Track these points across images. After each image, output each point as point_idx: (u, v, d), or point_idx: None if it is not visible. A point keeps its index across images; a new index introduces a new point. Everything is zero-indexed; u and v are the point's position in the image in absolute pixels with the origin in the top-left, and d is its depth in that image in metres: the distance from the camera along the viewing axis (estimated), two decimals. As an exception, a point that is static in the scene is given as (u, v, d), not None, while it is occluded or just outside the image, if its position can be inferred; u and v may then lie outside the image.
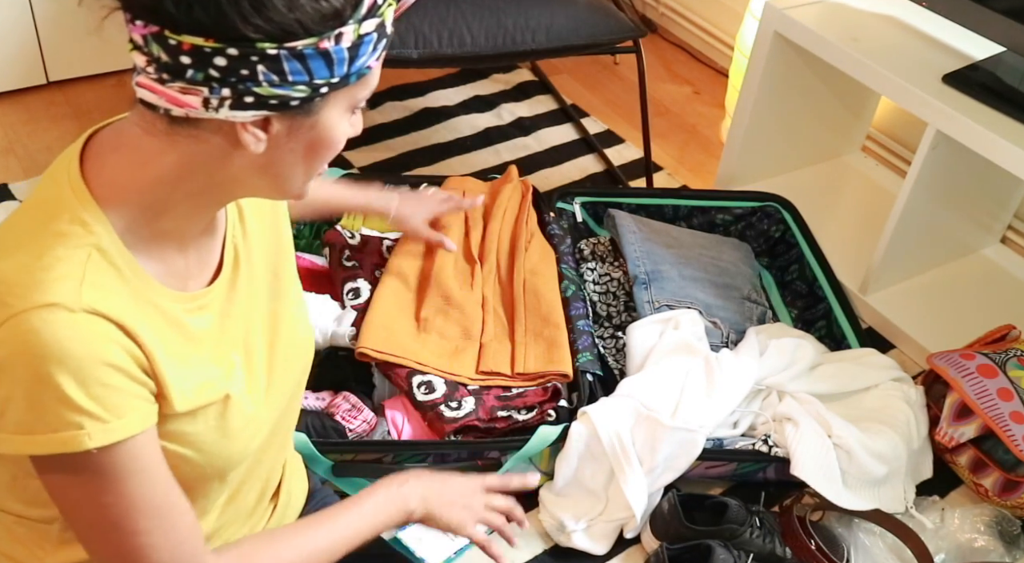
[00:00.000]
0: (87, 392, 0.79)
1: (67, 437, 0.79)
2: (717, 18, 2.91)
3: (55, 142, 2.37)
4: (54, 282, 0.79)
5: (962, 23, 1.87)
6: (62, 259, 0.80)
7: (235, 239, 0.98)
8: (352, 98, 0.84)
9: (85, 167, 0.86)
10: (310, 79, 0.78)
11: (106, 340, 0.80)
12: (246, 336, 0.99)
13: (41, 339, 0.77)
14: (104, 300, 0.81)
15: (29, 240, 0.82)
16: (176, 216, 0.87)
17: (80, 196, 0.83)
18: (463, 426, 1.62)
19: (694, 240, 2.05)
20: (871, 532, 1.63)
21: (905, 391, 1.76)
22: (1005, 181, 2.11)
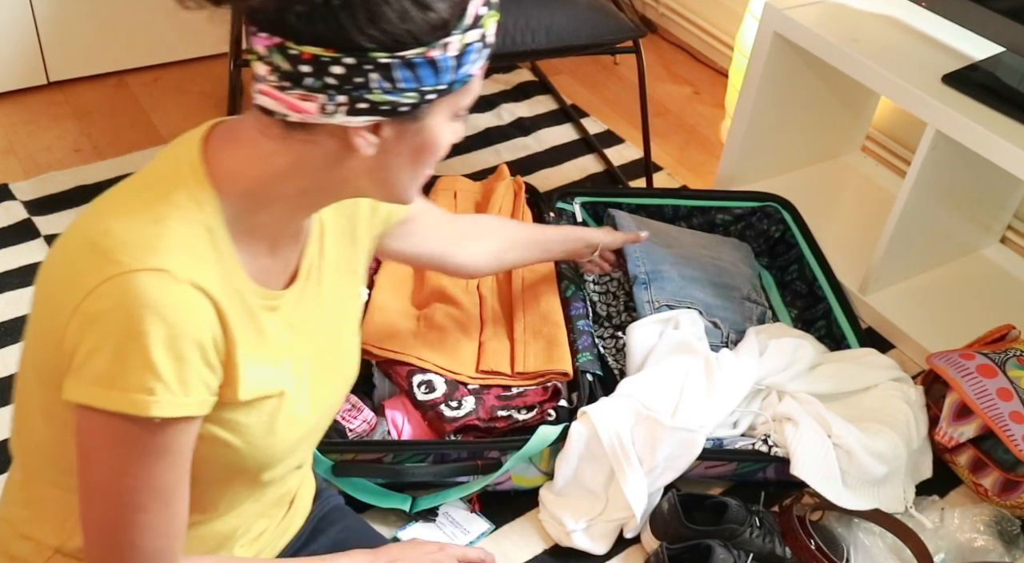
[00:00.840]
0: (171, 363, 0.82)
1: (137, 399, 0.82)
2: (717, 18, 2.91)
3: (55, 142, 2.37)
4: (167, 250, 0.83)
5: (962, 23, 1.87)
6: (175, 231, 0.85)
7: (312, 254, 1.03)
8: (455, 105, 0.89)
9: (205, 153, 0.90)
10: (419, 86, 0.83)
11: (201, 317, 0.85)
12: (305, 344, 1.02)
13: (145, 299, 0.81)
14: (206, 278, 0.85)
15: (144, 206, 0.87)
16: (275, 213, 0.92)
17: (198, 177, 0.88)
18: (463, 426, 1.62)
19: (694, 240, 2.05)
20: (871, 532, 1.63)
21: (905, 391, 1.76)
22: (1005, 181, 2.11)
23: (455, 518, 1.61)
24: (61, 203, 2.18)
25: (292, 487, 1.18)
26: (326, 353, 1.06)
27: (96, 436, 0.85)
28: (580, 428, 1.59)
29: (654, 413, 1.60)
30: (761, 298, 2.00)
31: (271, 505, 1.13)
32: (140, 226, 0.84)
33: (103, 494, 0.88)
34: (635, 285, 1.88)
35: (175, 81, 2.61)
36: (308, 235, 1.02)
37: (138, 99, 2.52)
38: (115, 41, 2.54)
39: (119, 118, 2.45)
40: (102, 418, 0.83)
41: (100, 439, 0.85)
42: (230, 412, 0.92)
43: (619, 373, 1.80)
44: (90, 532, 0.90)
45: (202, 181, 0.88)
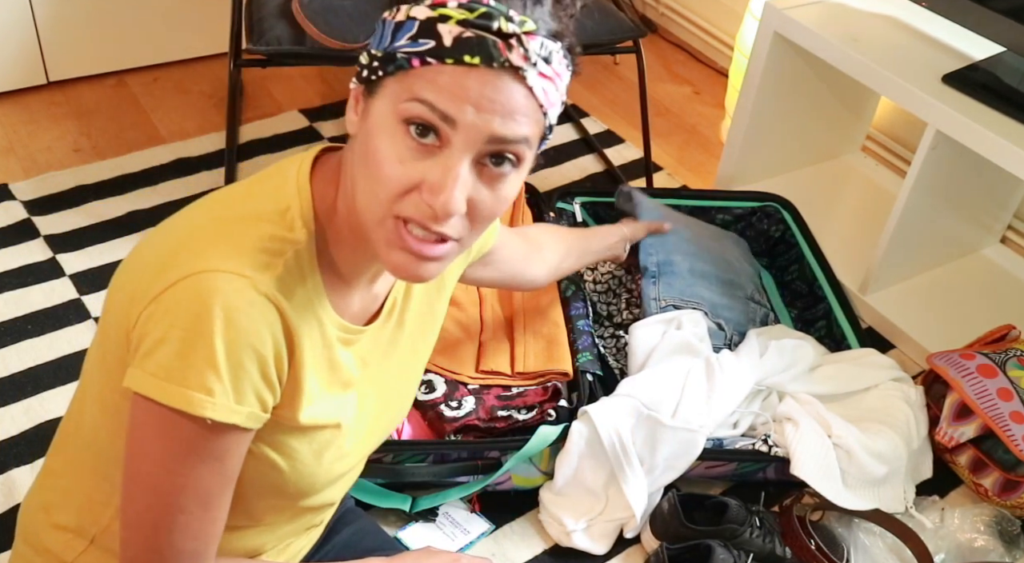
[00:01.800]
0: (232, 368, 0.81)
1: (194, 398, 0.81)
2: (717, 18, 2.91)
3: (55, 142, 2.37)
4: (253, 260, 0.83)
5: (962, 23, 1.87)
6: (266, 245, 0.85)
7: (396, 296, 1.02)
8: (395, 98, 0.80)
9: (314, 174, 0.90)
10: (370, 48, 0.83)
11: (268, 330, 0.83)
12: (372, 382, 1.02)
13: (219, 298, 0.80)
14: (285, 295, 0.85)
15: (244, 214, 0.87)
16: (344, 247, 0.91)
17: (303, 197, 0.88)
18: (463, 426, 1.62)
19: (701, 229, 2.04)
20: (871, 532, 1.63)
21: (905, 391, 1.76)
22: (1005, 181, 2.11)
23: (455, 518, 1.61)
24: (61, 203, 2.18)
25: (326, 516, 1.18)
26: (388, 393, 1.07)
27: (148, 428, 0.85)
28: (580, 427, 1.59)
29: (655, 413, 1.60)
30: (763, 299, 2.00)
31: (304, 527, 1.12)
32: (234, 231, 0.85)
33: (146, 488, 0.87)
34: (644, 278, 1.86)
35: (175, 81, 2.61)
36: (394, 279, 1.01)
37: (138, 99, 2.52)
38: (115, 41, 2.54)
39: (119, 118, 2.45)
40: (157, 411, 0.83)
41: (152, 432, 0.85)
42: (284, 434, 0.92)
43: (619, 373, 1.80)
44: (128, 525, 0.89)
45: (305, 203, 0.88)
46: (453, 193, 0.79)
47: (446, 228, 0.81)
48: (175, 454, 0.85)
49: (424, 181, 0.80)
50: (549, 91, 0.82)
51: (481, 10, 0.77)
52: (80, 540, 1.00)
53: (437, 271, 0.85)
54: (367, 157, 0.81)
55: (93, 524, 1.00)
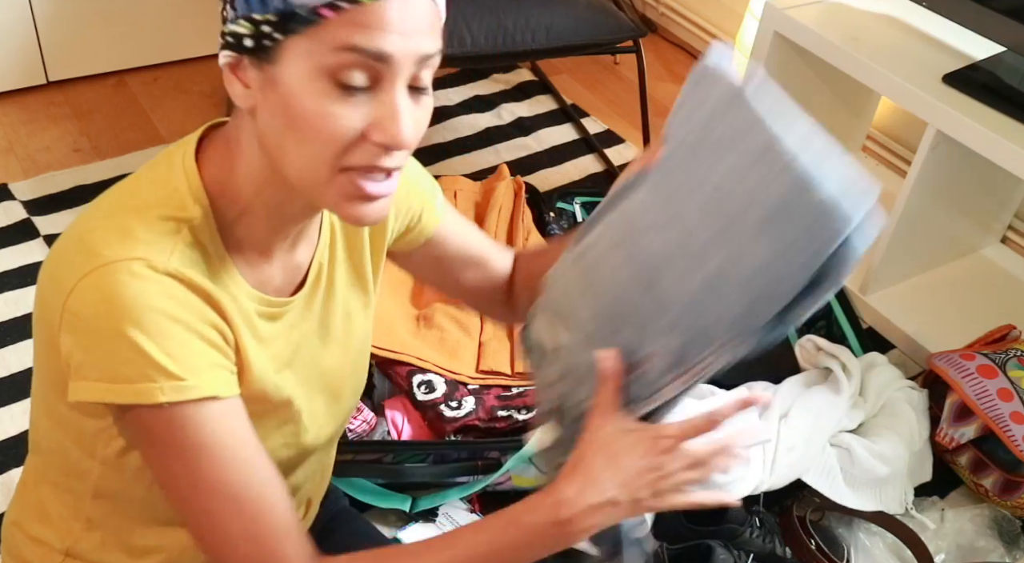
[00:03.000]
0: (161, 347, 0.79)
1: (142, 388, 0.79)
2: (717, 18, 2.91)
3: (55, 142, 2.37)
4: (146, 243, 0.81)
5: (962, 23, 1.87)
6: (157, 229, 0.82)
7: (321, 261, 0.98)
8: (314, 57, 0.75)
9: (199, 154, 0.88)
10: (249, 11, 0.77)
11: (185, 302, 0.81)
12: (312, 353, 0.99)
13: (123, 290, 0.78)
14: (190, 270, 0.82)
15: (133, 203, 0.84)
16: (257, 217, 0.88)
17: (190, 176, 0.85)
18: (463, 426, 1.62)
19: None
20: (871, 532, 1.63)
21: (908, 393, 1.76)
22: (1005, 181, 2.11)
23: (455, 518, 1.61)
24: (61, 203, 2.18)
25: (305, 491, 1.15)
26: (335, 362, 1.03)
27: (138, 438, 0.84)
28: None
29: None
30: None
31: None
32: (123, 222, 0.82)
33: (172, 498, 0.84)
34: None
35: (175, 81, 2.61)
36: (318, 240, 0.98)
37: (138, 99, 2.52)
38: (115, 41, 2.54)
39: (119, 118, 2.45)
40: (130, 416, 0.81)
41: (142, 440, 0.84)
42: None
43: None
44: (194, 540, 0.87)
45: (194, 182, 0.85)
46: (403, 123, 0.78)
47: (398, 160, 0.81)
48: (167, 456, 0.82)
49: (370, 125, 0.78)
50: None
51: None
52: (55, 553, 1.00)
53: (388, 208, 0.84)
54: (295, 124, 0.77)
55: (66, 536, 0.99)
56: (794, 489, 1.63)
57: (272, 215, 0.88)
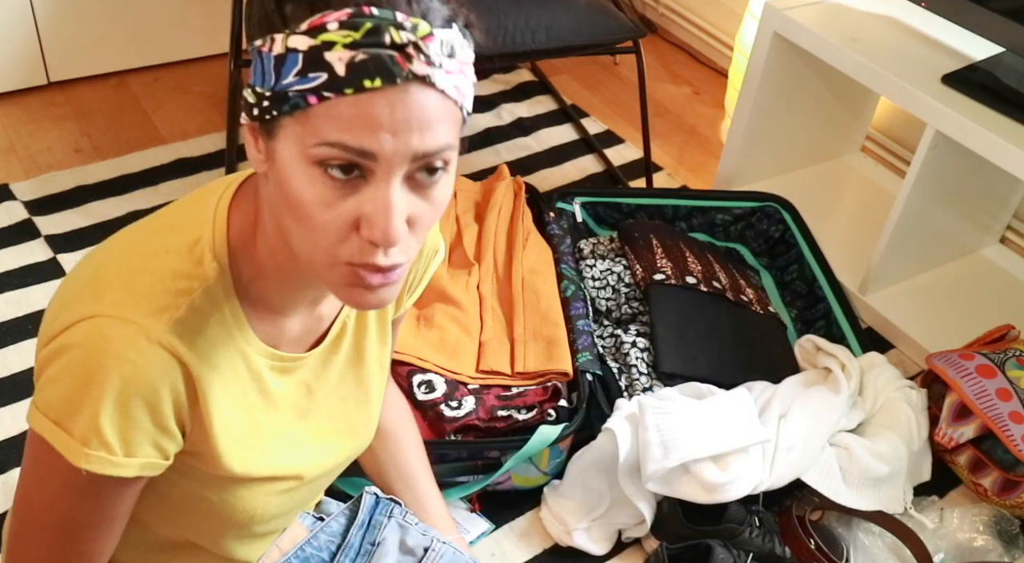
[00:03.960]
0: (116, 420, 0.79)
1: (71, 444, 0.80)
2: (717, 18, 2.92)
3: (55, 142, 2.37)
4: (146, 299, 0.80)
5: (962, 23, 1.87)
6: (168, 288, 0.81)
7: (346, 318, 0.96)
8: (302, 143, 0.72)
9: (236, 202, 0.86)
10: (253, 84, 0.75)
11: (161, 381, 0.80)
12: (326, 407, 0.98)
13: (108, 348, 0.78)
14: (183, 340, 0.80)
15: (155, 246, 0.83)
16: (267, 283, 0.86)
17: (218, 227, 0.84)
18: (463, 426, 1.62)
19: None
20: (871, 532, 1.63)
21: (907, 393, 1.76)
22: (1005, 181, 2.11)
23: (455, 518, 1.61)
24: (61, 203, 2.18)
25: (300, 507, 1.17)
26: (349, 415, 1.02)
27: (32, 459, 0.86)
28: (604, 442, 1.59)
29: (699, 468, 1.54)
30: None
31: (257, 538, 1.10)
32: (138, 271, 0.81)
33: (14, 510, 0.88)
34: None
35: (175, 81, 2.61)
36: None
37: (138, 99, 2.52)
38: (115, 41, 2.54)
39: (119, 118, 2.45)
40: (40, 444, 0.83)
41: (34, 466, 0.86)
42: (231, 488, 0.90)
43: (618, 372, 1.80)
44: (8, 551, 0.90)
45: (220, 234, 0.83)
46: (392, 225, 0.73)
47: (394, 258, 0.76)
48: (50, 496, 0.84)
49: (360, 217, 0.74)
50: (461, 85, 0.75)
51: (366, 26, 0.69)
52: None
53: (395, 294, 0.80)
54: (290, 205, 0.75)
55: None
56: (793, 489, 1.63)
57: (284, 279, 0.86)
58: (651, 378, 1.77)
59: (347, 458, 1.06)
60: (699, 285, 1.93)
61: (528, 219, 2.03)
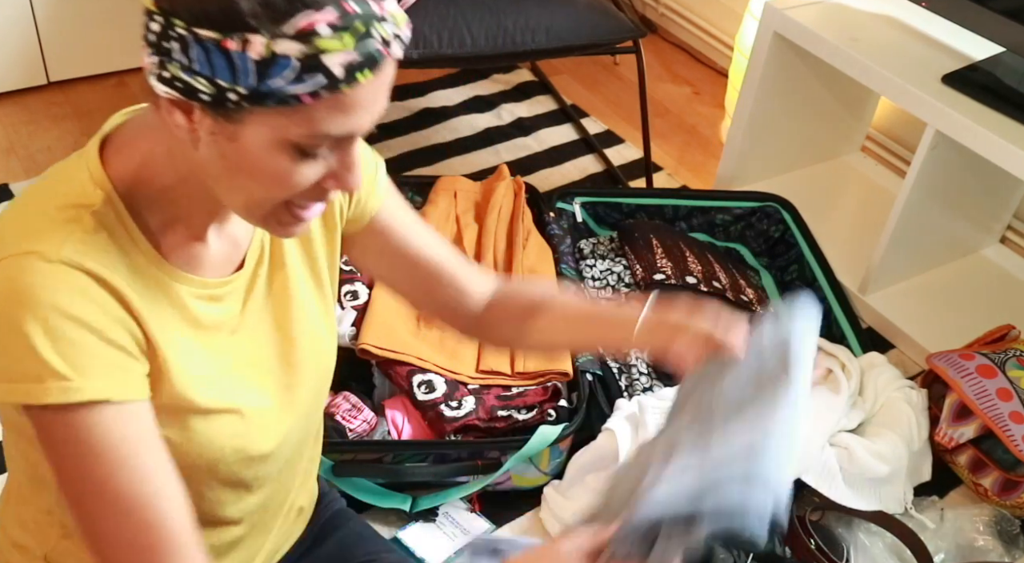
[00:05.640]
0: (53, 345, 0.77)
1: (28, 388, 0.78)
2: (717, 18, 2.91)
3: (55, 142, 2.37)
4: (36, 233, 0.79)
5: (962, 23, 1.87)
6: (53, 217, 0.81)
7: (263, 235, 0.96)
8: (283, 130, 0.75)
9: (108, 146, 0.86)
10: (213, 75, 0.74)
11: (81, 295, 0.79)
12: (263, 337, 0.96)
13: (13, 286, 0.77)
14: (89, 257, 0.79)
15: (37, 199, 0.83)
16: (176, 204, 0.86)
17: (92, 165, 0.83)
18: (463, 426, 1.62)
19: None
20: (871, 532, 1.63)
21: (907, 393, 1.76)
22: (1005, 181, 2.11)
23: (455, 518, 1.61)
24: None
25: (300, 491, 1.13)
26: (290, 348, 0.99)
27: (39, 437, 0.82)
28: (604, 442, 1.59)
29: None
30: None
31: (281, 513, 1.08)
32: (24, 218, 0.81)
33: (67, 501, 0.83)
34: None
35: (175, 81, 2.61)
36: None
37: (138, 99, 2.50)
38: (115, 41, 2.54)
39: (119, 118, 2.45)
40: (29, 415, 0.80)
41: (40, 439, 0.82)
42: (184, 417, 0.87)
43: (618, 372, 1.80)
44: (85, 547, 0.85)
45: (95, 170, 0.83)
46: (357, 177, 0.82)
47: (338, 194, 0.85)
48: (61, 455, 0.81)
49: (325, 176, 0.81)
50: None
51: (359, 28, 0.73)
52: (35, 558, 0.99)
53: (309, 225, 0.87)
54: (250, 174, 0.79)
55: (42, 543, 0.98)
56: (794, 489, 1.63)
57: (196, 200, 0.86)
58: (651, 378, 1.77)
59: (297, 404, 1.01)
60: (699, 285, 1.93)
61: (528, 219, 2.03)
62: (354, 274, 1.83)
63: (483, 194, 2.07)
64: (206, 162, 0.80)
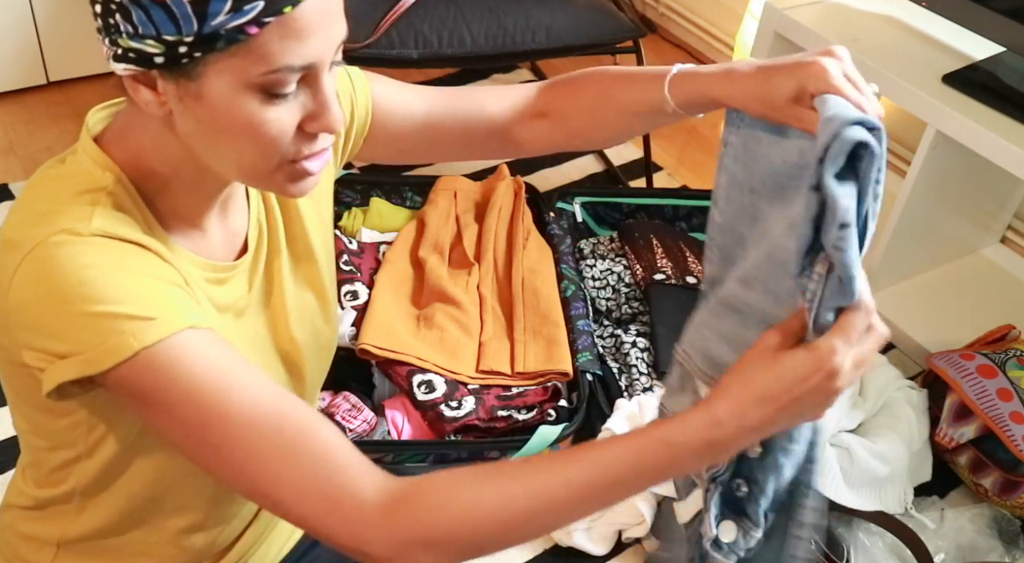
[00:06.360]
0: (116, 301, 0.74)
1: (112, 345, 0.74)
2: (717, 18, 2.91)
3: (55, 142, 2.37)
4: (59, 215, 0.78)
5: (962, 23, 1.87)
6: (72, 202, 0.79)
7: (260, 219, 0.95)
8: (242, 73, 0.73)
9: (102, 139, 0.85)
10: (158, 33, 0.72)
11: (125, 254, 0.78)
12: (266, 324, 0.96)
13: (55, 264, 0.75)
14: (117, 227, 0.78)
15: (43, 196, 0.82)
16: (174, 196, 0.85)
17: (93, 154, 0.82)
18: (463, 426, 1.62)
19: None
20: (871, 532, 1.63)
21: (908, 393, 1.76)
22: (1005, 181, 2.11)
23: (455, 518, 1.61)
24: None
25: None
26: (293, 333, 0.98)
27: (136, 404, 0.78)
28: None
29: None
30: None
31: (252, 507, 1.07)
32: (40, 213, 0.79)
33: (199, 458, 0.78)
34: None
35: (175, 81, 2.61)
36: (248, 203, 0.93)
37: (138, 99, 2.52)
38: (115, 41, 2.55)
39: (119, 118, 2.45)
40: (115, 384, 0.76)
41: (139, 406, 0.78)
42: None
43: (618, 372, 1.80)
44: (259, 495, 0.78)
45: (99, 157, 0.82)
46: (335, 111, 0.78)
47: (331, 139, 0.82)
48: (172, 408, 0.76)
49: (304, 118, 0.78)
50: None
51: None
52: (48, 545, 0.99)
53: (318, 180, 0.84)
54: (230, 132, 0.76)
55: (54, 531, 0.98)
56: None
57: (193, 189, 0.85)
58: (651, 378, 1.77)
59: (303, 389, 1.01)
60: (700, 285, 1.93)
61: (528, 219, 2.03)
62: (354, 274, 1.83)
63: (483, 194, 2.07)
64: (188, 136, 0.79)
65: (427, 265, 1.87)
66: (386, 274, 1.86)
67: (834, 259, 0.75)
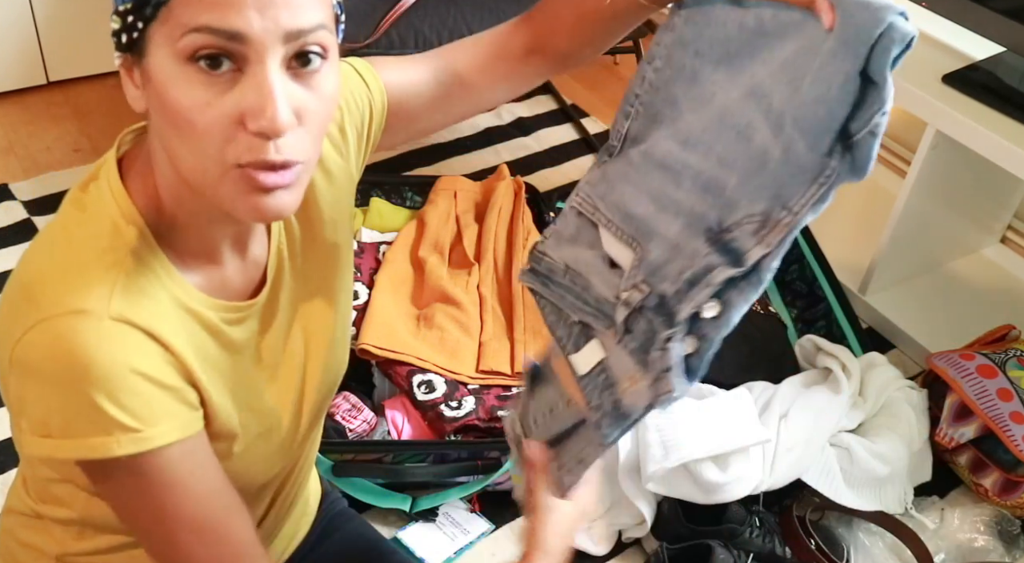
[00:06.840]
0: (115, 401, 0.77)
1: (97, 443, 0.77)
2: (717, 18, 2.91)
3: (55, 142, 2.37)
4: (84, 287, 0.77)
5: (962, 23, 1.87)
6: (100, 264, 0.79)
7: (280, 247, 0.94)
8: (170, 40, 0.70)
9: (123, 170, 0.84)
10: (116, 5, 0.72)
11: (135, 348, 0.78)
12: (286, 348, 0.96)
13: (68, 347, 0.76)
14: (134, 308, 0.78)
15: (70, 240, 0.81)
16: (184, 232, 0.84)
17: (119, 198, 0.82)
18: (463, 426, 1.62)
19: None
20: (871, 532, 1.63)
21: (907, 393, 1.76)
22: (1005, 181, 2.11)
23: (455, 518, 1.61)
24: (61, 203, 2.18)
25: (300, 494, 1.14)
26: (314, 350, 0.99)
27: (101, 485, 0.83)
28: None
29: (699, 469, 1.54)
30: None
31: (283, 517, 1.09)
32: (64, 266, 0.79)
33: (142, 538, 0.86)
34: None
35: (175, 81, 2.61)
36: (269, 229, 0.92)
37: (138, 99, 2.52)
38: (115, 41, 2.55)
39: (119, 118, 2.45)
40: (89, 467, 0.81)
41: (105, 487, 0.83)
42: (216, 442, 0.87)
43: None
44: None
45: (123, 202, 0.81)
46: (276, 107, 0.70)
47: (286, 153, 0.73)
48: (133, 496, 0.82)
49: (244, 112, 0.71)
50: None
51: None
52: (47, 559, 0.99)
53: (295, 200, 0.76)
54: (171, 118, 0.72)
55: (56, 545, 0.98)
56: (794, 489, 1.63)
57: (198, 223, 0.84)
58: (651, 378, 1.76)
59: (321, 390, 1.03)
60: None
61: (528, 219, 2.03)
62: (354, 274, 1.83)
63: (483, 194, 2.07)
64: (158, 134, 0.77)
65: (427, 265, 1.87)
66: (386, 274, 1.86)
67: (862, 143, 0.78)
